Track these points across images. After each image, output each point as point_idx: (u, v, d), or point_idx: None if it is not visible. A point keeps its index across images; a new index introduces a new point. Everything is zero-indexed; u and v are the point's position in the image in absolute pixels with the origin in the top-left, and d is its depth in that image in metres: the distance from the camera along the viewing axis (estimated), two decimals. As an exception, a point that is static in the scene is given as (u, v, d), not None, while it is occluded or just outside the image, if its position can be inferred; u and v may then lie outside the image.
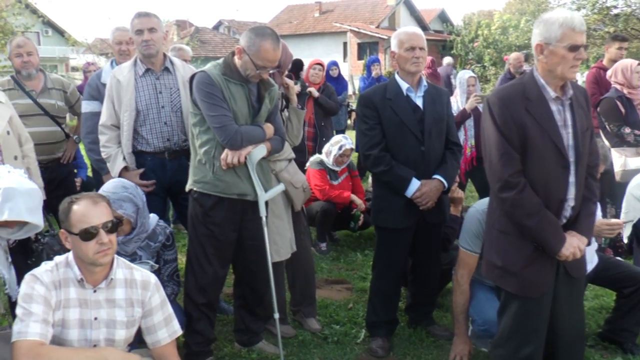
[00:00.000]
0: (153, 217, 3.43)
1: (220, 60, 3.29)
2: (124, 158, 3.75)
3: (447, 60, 14.15)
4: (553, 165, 2.56)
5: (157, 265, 3.30)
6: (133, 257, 3.25)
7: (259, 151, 3.26)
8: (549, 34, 2.52)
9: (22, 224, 2.88)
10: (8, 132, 3.53)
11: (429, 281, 3.93)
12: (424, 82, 3.62)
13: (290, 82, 3.76)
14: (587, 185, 2.69)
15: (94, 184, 5.63)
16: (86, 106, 4.24)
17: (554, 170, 2.57)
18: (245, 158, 3.21)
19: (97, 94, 4.18)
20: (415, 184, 3.51)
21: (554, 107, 2.59)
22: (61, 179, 4.68)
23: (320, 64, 7.01)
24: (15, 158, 3.58)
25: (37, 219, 2.79)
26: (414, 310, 4.02)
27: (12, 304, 3.01)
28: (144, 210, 3.31)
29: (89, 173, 6.04)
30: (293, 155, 3.83)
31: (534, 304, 2.66)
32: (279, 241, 3.63)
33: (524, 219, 2.56)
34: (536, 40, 2.58)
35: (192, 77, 3.23)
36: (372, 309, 3.83)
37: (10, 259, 3.01)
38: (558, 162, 2.57)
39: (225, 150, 3.18)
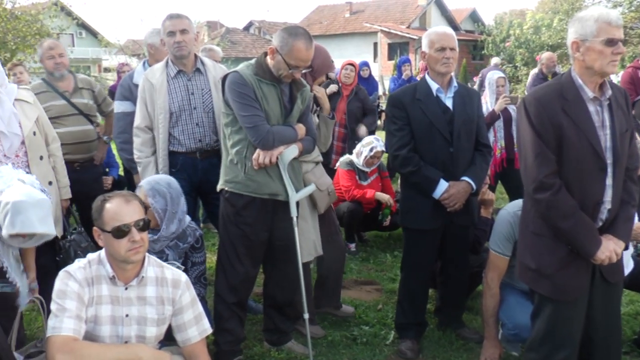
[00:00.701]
0: (186, 219, 3.44)
1: (253, 61, 3.30)
2: (157, 169, 3.80)
3: (494, 60, 14.19)
4: (590, 166, 2.51)
5: (182, 267, 3.31)
6: (160, 256, 3.27)
7: (291, 151, 3.26)
8: (585, 30, 2.47)
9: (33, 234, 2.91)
10: (34, 133, 3.57)
11: (458, 284, 3.89)
12: (454, 83, 3.58)
13: (322, 91, 3.76)
14: (626, 188, 2.63)
15: (125, 182, 5.71)
16: (118, 106, 4.30)
17: (591, 172, 2.52)
18: (277, 158, 3.22)
19: (129, 95, 4.24)
20: (443, 185, 3.48)
21: (591, 107, 2.53)
22: (93, 179, 4.77)
23: (353, 65, 6.98)
24: (41, 158, 3.62)
25: (48, 229, 2.80)
26: (443, 312, 3.99)
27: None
28: (175, 218, 3.29)
29: (120, 172, 6.12)
30: (321, 158, 3.83)
31: (569, 308, 2.61)
32: (302, 243, 3.62)
33: (558, 221, 2.51)
34: (572, 38, 2.52)
35: (224, 78, 3.25)
36: (400, 310, 3.80)
37: (22, 267, 3.04)
38: (595, 164, 2.51)
39: (257, 150, 3.18)
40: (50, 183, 3.70)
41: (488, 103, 5.74)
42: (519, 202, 3.43)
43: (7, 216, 2.73)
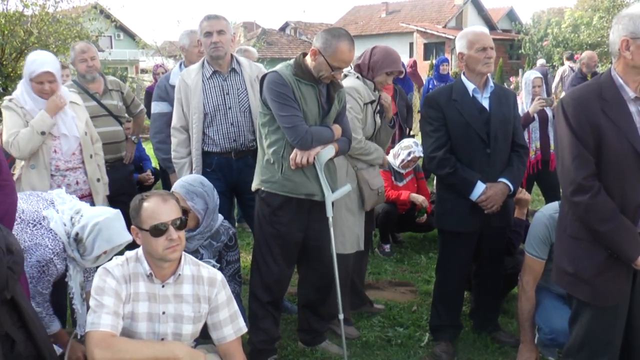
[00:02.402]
0: (219, 218, 3.49)
1: (291, 61, 3.31)
2: (191, 169, 3.85)
3: (540, 62, 14.12)
4: (630, 169, 2.44)
5: (218, 265, 3.35)
6: (195, 256, 3.31)
7: (328, 152, 3.27)
8: (636, 27, 2.38)
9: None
10: (86, 133, 3.79)
11: (493, 286, 3.84)
12: (491, 83, 3.53)
13: (388, 100, 3.79)
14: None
15: (159, 174, 5.86)
16: (155, 107, 4.40)
17: (631, 174, 2.44)
18: (314, 158, 3.23)
19: (166, 95, 4.33)
20: (480, 187, 3.44)
21: (632, 108, 2.46)
22: (124, 178, 4.86)
23: None
24: (91, 157, 3.86)
25: (130, 236, 2.93)
26: (479, 315, 3.94)
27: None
28: (214, 213, 3.37)
29: (155, 164, 6.24)
30: (381, 162, 3.87)
31: (608, 313, 2.54)
32: (347, 234, 3.65)
33: (597, 224, 2.45)
34: (620, 36, 2.42)
35: (262, 78, 3.27)
36: (435, 312, 3.77)
37: (84, 296, 3.13)
38: (636, 166, 2.43)
39: (295, 150, 3.19)
40: (98, 180, 3.89)
41: (524, 104, 5.66)
42: (555, 205, 3.38)
43: (98, 235, 2.92)
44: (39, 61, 3.62)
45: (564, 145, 2.51)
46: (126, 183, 4.85)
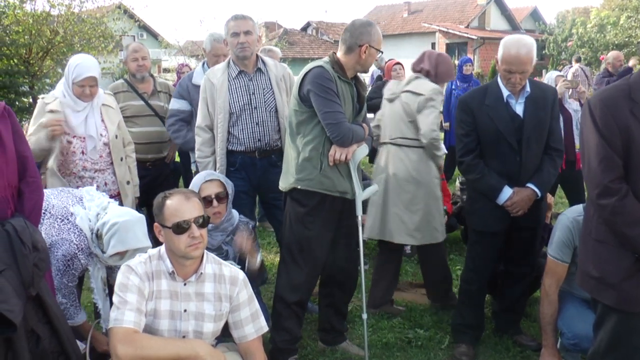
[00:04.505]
0: (235, 213, 3.54)
1: (326, 59, 3.31)
2: (215, 169, 3.90)
3: (576, 65, 14.17)
4: (660, 172, 2.39)
5: (239, 266, 3.36)
6: (219, 252, 3.34)
7: (363, 151, 3.29)
8: None
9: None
10: (116, 136, 3.86)
11: (519, 288, 3.79)
12: (527, 88, 3.44)
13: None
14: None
15: (180, 169, 6.05)
16: (173, 103, 4.48)
17: (661, 178, 2.40)
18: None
19: (186, 94, 4.41)
20: (506, 192, 3.41)
21: (663, 110, 2.41)
22: (164, 176, 4.95)
23: (400, 64, 6.96)
24: (121, 159, 3.91)
25: (149, 242, 3.01)
26: (501, 317, 3.90)
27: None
28: (231, 203, 3.48)
29: (176, 158, 6.35)
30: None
31: (635, 319, 2.49)
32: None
33: (624, 228, 2.40)
34: None
35: (306, 73, 3.25)
36: (458, 312, 3.77)
37: (107, 291, 3.18)
38: (666, 169, 2.38)
39: (333, 147, 3.20)
40: (128, 182, 3.95)
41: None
42: (579, 208, 3.33)
43: (114, 235, 2.96)
44: (83, 65, 3.68)
45: (590, 147, 2.46)
46: (165, 181, 4.92)
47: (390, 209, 4.09)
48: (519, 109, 3.43)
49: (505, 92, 3.42)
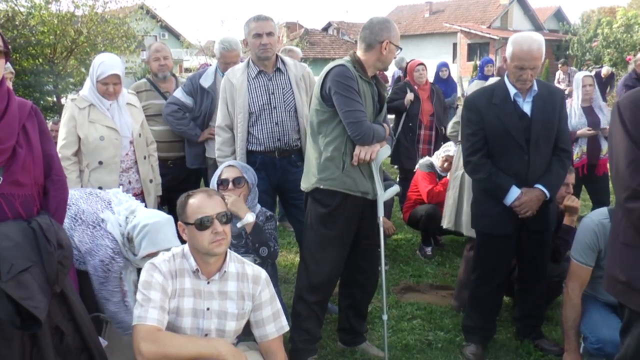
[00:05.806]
0: (258, 206, 3.62)
1: (347, 58, 3.31)
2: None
3: (605, 69, 14.19)
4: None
5: (258, 260, 3.38)
6: (239, 241, 3.39)
7: (385, 151, 3.29)
8: None
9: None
10: (140, 135, 3.91)
11: (535, 292, 3.75)
12: (535, 87, 3.41)
13: None
14: None
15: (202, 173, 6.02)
16: (177, 92, 4.61)
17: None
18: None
19: (191, 89, 4.57)
20: (514, 193, 3.37)
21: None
22: (185, 175, 4.97)
23: (423, 64, 6.92)
24: (145, 158, 3.97)
25: (178, 242, 3.01)
26: (521, 321, 3.85)
27: None
28: (255, 194, 3.57)
29: None
30: None
31: (663, 326, 2.45)
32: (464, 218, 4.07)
33: (654, 232, 2.36)
34: None
35: (328, 71, 3.24)
36: (467, 313, 3.74)
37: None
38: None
39: (358, 146, 3.19)
40: (151, 181, 3.99)
41: (574, 106, 5.58)
42: (603, 211, 3.29)
43: (145, 237, 3.01)
44: (107, 64, 3.73)
45: (619, 149, 2.42)
46: (188, 180, 4.97)
47: (463, 203, 4.53)
48: (526, 107, 3.40)
49: (513, 91, 3.40)
